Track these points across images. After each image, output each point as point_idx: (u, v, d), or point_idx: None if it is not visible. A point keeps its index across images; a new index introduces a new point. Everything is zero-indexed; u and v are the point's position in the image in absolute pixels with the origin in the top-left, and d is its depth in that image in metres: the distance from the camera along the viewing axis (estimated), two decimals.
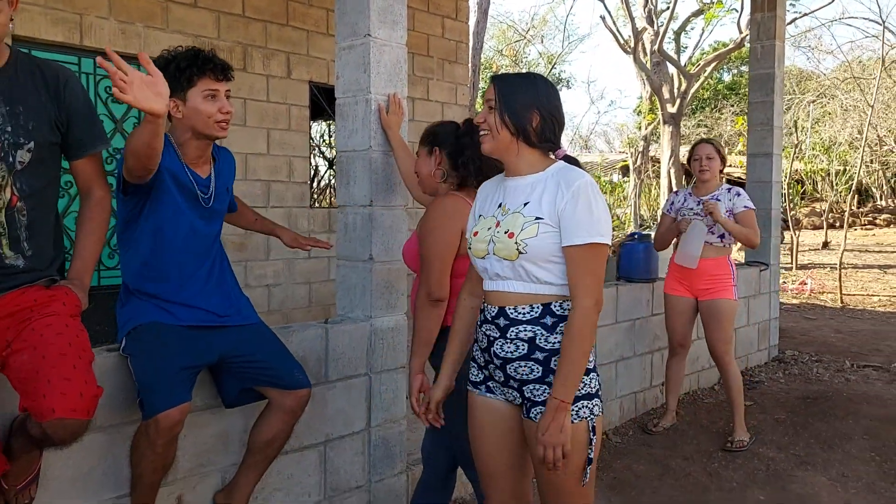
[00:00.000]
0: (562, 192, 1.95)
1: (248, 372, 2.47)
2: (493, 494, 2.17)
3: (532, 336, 1.97)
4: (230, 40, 6.18)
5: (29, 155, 1.94)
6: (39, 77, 1.99)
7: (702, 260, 4.28)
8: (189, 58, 2.37)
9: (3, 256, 1.93)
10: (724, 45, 23.69)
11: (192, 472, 2.54)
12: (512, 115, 2.00)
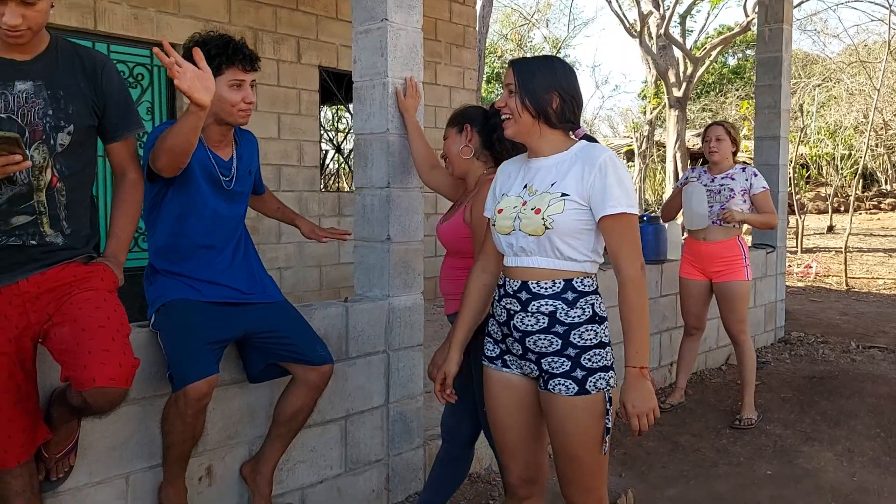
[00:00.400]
0: (588, 169, 2.02)
1: (272, 348, 2.55)
2: (511, 466, 2.24)
3: (553, 310, 2.04)
4: (241, 25, 6.24)
5: (69, 138, 2.00)
6: (78, 62, 2.05)
7: (712, 243, 4.35)
8: (220, 46, 2.43)
9: (44, 234, 2.00)
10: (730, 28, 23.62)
11: (220, 443, 2.63)
12: (532, 98, 2.07)
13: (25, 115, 1.92)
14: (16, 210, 1.95)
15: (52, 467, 2.15)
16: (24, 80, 1.94)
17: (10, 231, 1.95)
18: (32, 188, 1.96)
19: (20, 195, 1.95)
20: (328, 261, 7.07)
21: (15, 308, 1.95)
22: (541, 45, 27.08)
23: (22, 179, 1.94)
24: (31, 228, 1.97)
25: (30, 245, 1.97)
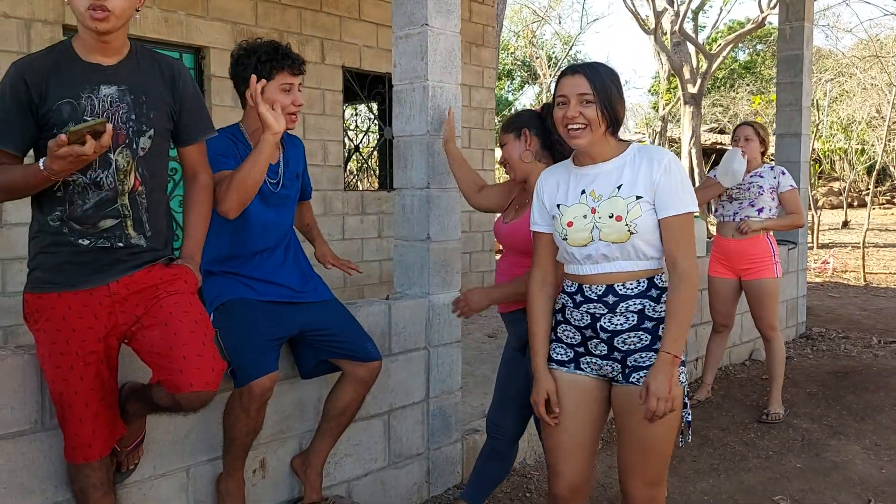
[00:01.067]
0: (655, 168, 2.08)
1: (324, 344, 2.63)
2: (561, 470, 2.25)
3: (641, 308, 2.11)
4: (267, 27, 6.32)
5: (149, 142, 2.07)
6: (157, 67, 2.12)
7: (740, 240, 4.41)
8: (269, 52, 2.52)
9: (129, 237, 2.07)
10: (740, 23, 23.57)
11: (273, 437, 2.72)
12: (611, 108, 2.10)
13: (110, 118, 1.99)
14: (102, 214, 2.02)
15: (123, 459, 2.24)
16: (109, 84, 2.00)
17: (99, 234, 2.03)
18: (117, 192, 2.03)
19: (106, 199, 2.02)
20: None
21: (104, 309, 2.04)
22: (552, 41, 27.11)
23: (108, 184, 2.01)
24: (118, 231, 2.05)
25: (116, 247, 2.05)
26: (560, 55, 25.96)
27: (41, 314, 2.01)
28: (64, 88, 1.95)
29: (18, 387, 2.11)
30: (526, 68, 26.69)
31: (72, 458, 2.05)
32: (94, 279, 2.03)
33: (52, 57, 1.98)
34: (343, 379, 2.70)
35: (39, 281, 2.03)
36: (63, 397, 1.99)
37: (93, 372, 2.01)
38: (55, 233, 2.01)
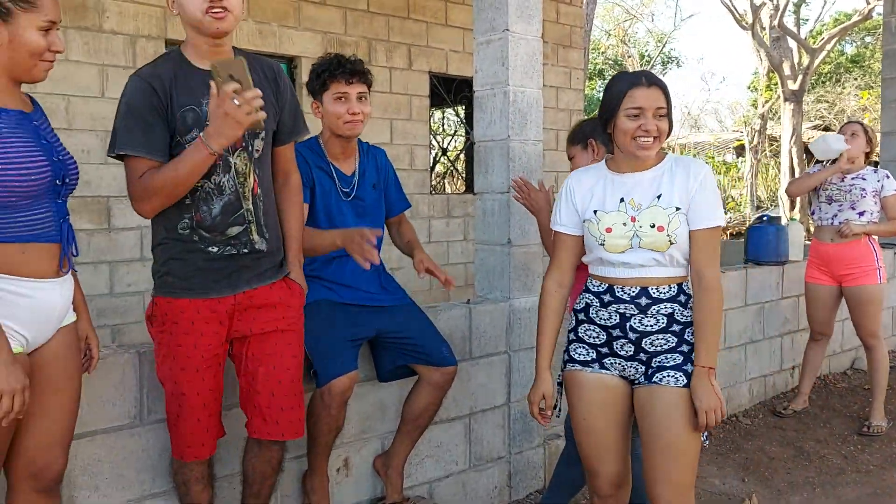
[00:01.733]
0: (691, 180, 2.11)
1: (400, 348, 2.69)
2: (602, 471, 2.24)
3: (671, 311, 2.14)
4: (356, 35, 6.48)
5: (262, 143, 2.15)
6: (261, 71, 2.17)
7: (839, 245, 4.21)
8: (324, 63, 2.61)
9: (253, 242, 2.14)
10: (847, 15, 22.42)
11: (356, 437, 2.79)
12: (671, 120, 2.15)
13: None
14: (230, 221, 2.09)
15: None
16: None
17: (227, 241, 2.10)
18: (240, 196, 2.10)
19: (230, 204, 2.09)
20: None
21: (228, 316, 2.13)
22: (645, 39, 26.55)
23: (230, 188, 2.08)
24: (244, 237, 2.12)
25: (242, 254, 2.13)
26: (653, 53, 25.39)
27: (170, 317, 2.09)
28: (186, 96, 2.01)
29: (119, 384, 2.25)
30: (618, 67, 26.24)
31: (183, 455, 2.15)
32: (224, 288, 2.11)
33: (168, 65, 2.04)
34: (419, 383, 2.74)
35: (172, 286, 2.10)
36: (185, 398, 2.09)
37: (212, 374, 2.12)
38: (186, 240, 2.07)
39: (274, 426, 2.20)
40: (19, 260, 1.73)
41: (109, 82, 5.23)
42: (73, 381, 1.91)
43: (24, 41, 1.71)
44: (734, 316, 4.46)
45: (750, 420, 4.42)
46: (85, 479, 2.20)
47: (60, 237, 1.82)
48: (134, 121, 1.98)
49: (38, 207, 1.76)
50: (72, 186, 1.87)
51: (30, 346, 1.80)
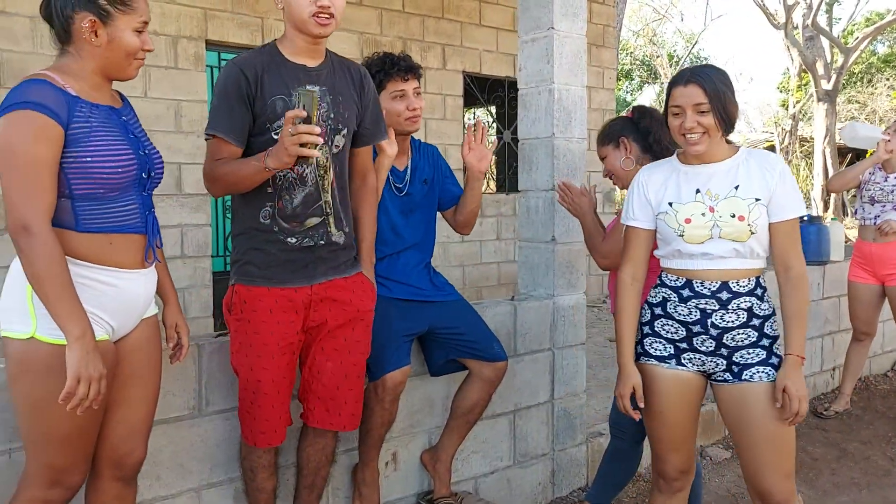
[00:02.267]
0: (770, 173, 2.14)
1: (452, 343, 2.71)
2: (673, 459, 2.29)
3: (750, 306, 2.14)
4: (391, 35, 6.52)
5: (343, 140, 2.21)
6: (348, 72, 2.26)
7: (883, 244, 4.18)
8: (379, 63, 2.63)
9: (330, 234, 2.20)
10: (880, 15, 22.09)
11: (404, 431, 2.82)
12: (725, 113, 2.13)
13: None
14: (309, 212, 2.16)
15: None
16: (313, 84, 2.13)
17: (304, 232, 2.16)
18: (319, 188, 2.16)
19: (310, 196, 2.15)
20: (470, 260, 7.26)
21: (304, 306, 2.19)
22: (673, 39, 26.37)
23: (311, 179, 2.15)
24: (322, 229, 2.18)
25: (319, 245, 2.19)
26: (682, 53, 25.22)
27: (249, 305, 2.15)
28: (277, 85, 2.09)
29: (180, 375, 2.29)
30: (646, 68, 26.09)
31: (256, 442, 2.20)
32: (300, 279, 2.17)
33: (263, 56, 2.13)
34: (470, 378, 2.76)
35: (252, 275, 2.16)
36: (260, 385, 2.15)
37: (286, 361, 2.18)
38: (266, 230, 2.15)
39: (336, 417, 2.28)
40: (107, 250, 1.78)
41: (152, 82, 5.32)
42: (154, 371, 1.97)
43: (122, 42, 1.78)
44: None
45: None
46: (147, 468, 2.23)
47: (146, 228, 1.88)
48: (222, 104, 2.09)
49: (126, 199, 1.82)
50: (157, 180, 1.92)
51: (115, 335, 1.85)
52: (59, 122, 1.68)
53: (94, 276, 1.77)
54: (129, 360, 1.90)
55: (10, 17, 4.77)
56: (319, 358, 2.26)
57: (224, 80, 2.10)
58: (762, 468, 2.16)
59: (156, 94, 5.35)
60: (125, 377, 1.89)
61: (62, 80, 1.74)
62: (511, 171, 7.85)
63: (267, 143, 2.06)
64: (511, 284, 7.52)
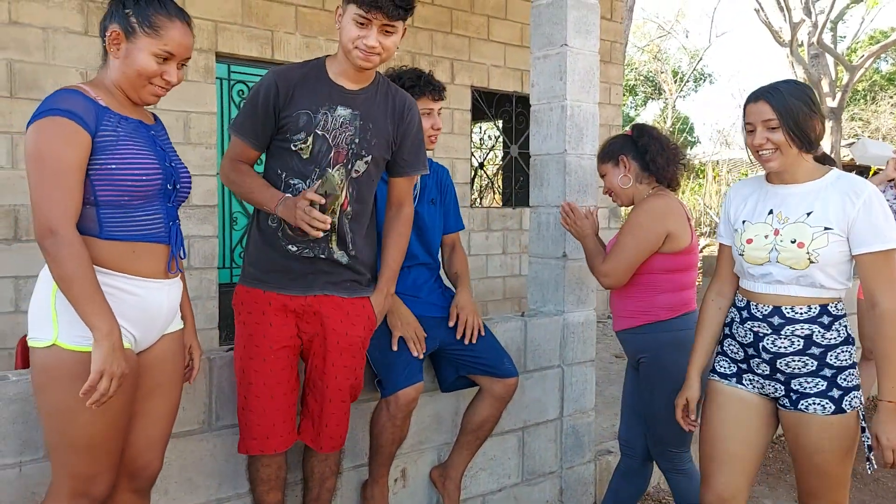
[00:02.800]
0: (851, 201, 2.03)
1: (463, 360, 2.69)
2: (716, 480, 2.25)
3: (809, 333, 2.08)
4: (401, 49, 6.52)
5: (365, 166, 2.22)
6: (390, 101, 2.27)
7: None
8: (413, 78, 2.65)
9: (331, 251, 2.23)
10: (883, 33, 22.15)
11: (413, 448, 2.80)
12: (798, 130, 2.07)
13: (336, 137, 2.16)
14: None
15: None
16: (345, 106, 2.17)
17: (305, 243, 2.19)
18: (323, 208, 2.14)
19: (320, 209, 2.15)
20: (474, 275, 7.24)
21: (297, 314, 2.22)
22: (677, 55, 26.45)
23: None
24: (322, 244, 2.20)
25: (319, 258, 2.21)
26: (686, 70, 25.29)
27: (245, 307, 2.21)
28: (307, 100, 2.14)
29: (191, 389, 2.28)
30: (650, 83, 26.16)
31: (247, 449, 2.20)
32: (297, 287, 2.20)
33: (304, 70, 2.19)
34: (480, 394, 2.74)
35: (251, 277, 2.23)
36: (251, 387, 2.17)
37: (281, 366, 2.18)
38: (270, 234, 2.20)
39: (317, 437, 2.29)
40: (130, 258, 1.80)
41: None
42: (175, 387, 1.98)
43: (137, 60, 1.81)
44: None
45: None
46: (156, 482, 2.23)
47: (170, 239, 1.89)
48: (249, 108, 2.18)
49: (150, 208, 1.84)
50: (183, 193, 1.94)
51: (137, 346, 1.85)
52: (87, 129, 1.71)
53: (115, 283, 1.78)
54: (153, 372, 1.90)
55: (24, 27, 4.79)
56: (314, 375, 2.28)
57: (258, 85, 2.17)
58: (808, 497, 2.16)
59: (165, 105, 5.34)
60: (148, 390, 1.90)
61: (94, 92, 1.80)
62: (517, 185, 7.86)
63: (282, 151, 2.17)
64: (516, 299, 7.51)
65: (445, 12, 6.89)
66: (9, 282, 4.78)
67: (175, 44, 1.83)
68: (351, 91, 2.19)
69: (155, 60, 1.82)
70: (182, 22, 1.85)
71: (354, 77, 2.18)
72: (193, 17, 5.84)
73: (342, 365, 2.27)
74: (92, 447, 1.75)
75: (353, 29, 2.07)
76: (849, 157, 18.47)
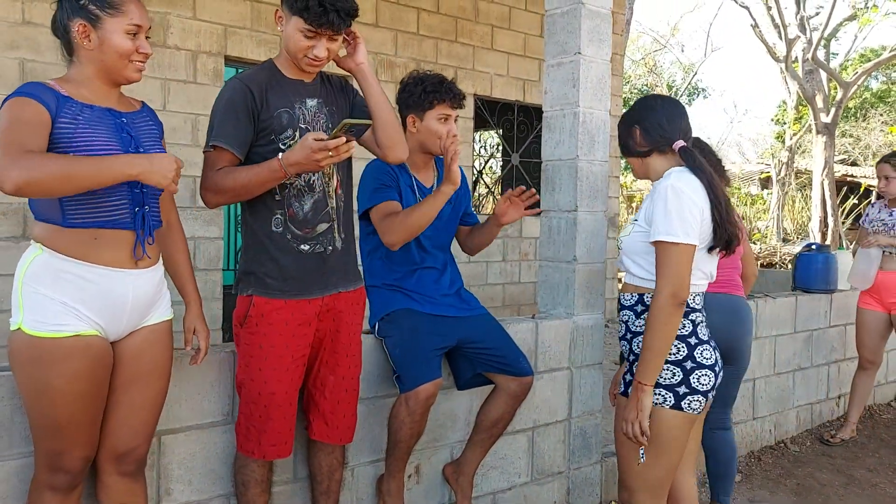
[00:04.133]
0: (651, 196, 2.25)
1: (480, 357, 2.74)
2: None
3: (626, 319, 2.31)
4: (405, 56, 6.61)
5: None
6: (337, 84, 2.37)
7: (891, 273, 4.28)
8: (435, 83, 2.71)
9: (335, 240, 2.28)
10: (875, 51, 22.41)
11: (427, 445, 2.84)
12: (622, 145, 2.43)
13: (315, 126, 2.23)
14: (319, 218, 2.23)
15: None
16: (311, 97, 2.25)
17: (316, 238, 2.23)
18: (326, 194, 2.23)
19: (319, 201, 2.23)
20: (477, 281, 7.28)
21: (315, 318, 2.24)
22: (671, 69, 26.67)
23: (319, 186, 2.22)
24: (330, 235, 2.25)
25: (328, 252, 2.26)
26: (681, 84, 25.50)
27: (265, 318, 2.18)
28: (281, 99, 2.19)
29: (215, 381, 2.33)
30: None
31: (265, 454, 2.21)
32: (315, 289, 2.23)
33: (264, 73, 2.23)
34: (496, 392, 2.79)
35: (270, 287, 2.20)
36: (274, 397, 2.17)
37: (300, 374, 2.23)
38: (279, 238, 2.20)
39: (335, 430, 2.35)
40: (92, 246, 1.82)
41: (171, 95, 5.38)
42: (158, 378, 1.98)
43: (112, 44, 1.85)
44: (784, 342, 4.48)
45: (798, 447, 4.42)
46: (180, 472, 2.27)
47: (135, 225, 1.88)
48: (228, 116, 2.14)
49: (113, 195, 1.84)
50: None
51: (108, 335, 1.88)
52: (48, 109, 1.76)
53: (77, 271, 1.81)
54: (131, 364, 1.92)
55: (36, 27, 4.83)
56: (323, 371, 2.31)
57: (230, 94, 2.16)
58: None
59: (174, 107, 5.40)
60: (126, 380, 1.92)
61: (59, 84, 1.84)
62: None
63: (270, 153, 2.13)
64: (516, 306, 7.56)
65: (450, 21, 6.97)
66: None
67: (139, 15, 1.86)
68: (310, 83, 2.26)
69: (127, 38, 1.85)
70: None
71: (307, 74, 2.25)
72: (203, 21, 5.89)
73: (352, 353, 2.35)
74: (57, 426, 1.80)
75: (301, 39, 2.12)
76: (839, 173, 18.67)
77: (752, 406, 4.29)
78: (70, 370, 1.78)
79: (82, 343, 1.79)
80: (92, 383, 1.82)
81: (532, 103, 7.63)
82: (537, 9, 7.48)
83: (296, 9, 2.09)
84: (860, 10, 15.40)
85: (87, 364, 1.79)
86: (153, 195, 1.95)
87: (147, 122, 2.00)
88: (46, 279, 1.79)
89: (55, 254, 1.79)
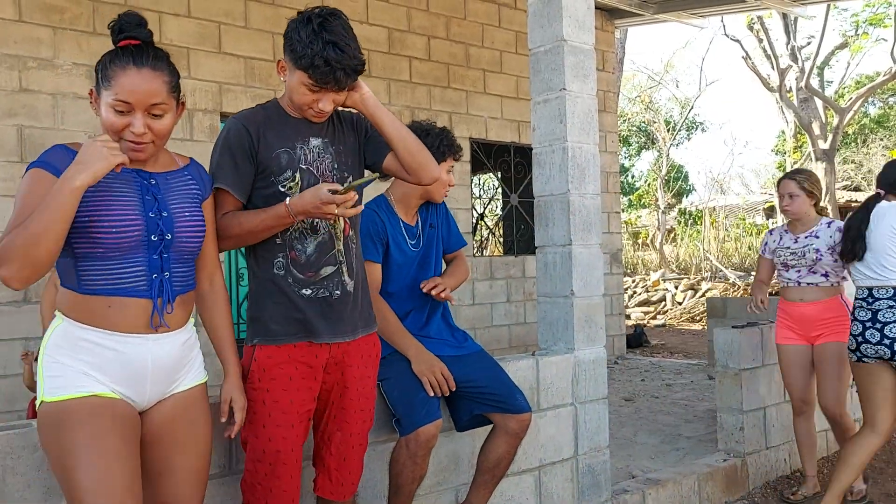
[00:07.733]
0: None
1: (475, 397, 2.70)
2: None
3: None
4: (399, 104, 6.70)
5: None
6: (347, 121, 2.31)
7: (811, 304, 3.89)
8: (444, 139, 2.79)
9: (344, 283, 2.21)
10: (869, 77, 22.63)
11: (431, 488, 2.79)
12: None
13: (319, 167, 2.18)
14: (324, 261, 2.17)
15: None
16: (316, 137, 2.19)
17: (319, 282, 2.16)
18: (332, 237, 2.18)
19: (324, 244, 2.17)
20: (481, 323, 7.26)
21: (321, 370, 2.18)
22: (668, 105, 26.93)
23: (324, 228, 2.17)
24: (336, 278, 2.19)
25: (335, 295, 2.18)
26: (678, 119, 25.72)
27: (268, 373, 2.10)
28: (281, 139, 2.14)
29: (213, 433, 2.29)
30: (643, 133, 26.57)
31: None
32: (324, 334, 2.15)
33: (265, 112, 2.18)
34: (495, 432, 2.75)
35: (272, 333, 2.13)
36: (280, 455, 2.09)
37: (304, 430, 2.15)
38: (280, 282, 2.14)
39: (339, 487, 2.28)
40: (105, 313, 1.75)
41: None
42: (198, 444, 1.90)
43: (102, 116, 1.78)
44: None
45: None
46: None
47: (151, 293, 1.80)
48: (226, 159, 2.11)
49: (129, 261, 1.78)
50: (181, 243, 1.86)
51: (136, 404, 1.81)
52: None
53: (93, 338, 1.75)
54: (166, 432, 1.85)
55: (34, 94, 4.92)
56: (331, 426, 2.24)
57: (227, 135, 2.12)
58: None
59: None
60: (165, 447, 1.85)
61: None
62: (519, 233, 7.94)
63: (271, 196, 2.10)
64: (522, 346, 7.51)
65: (442, 67, 7.08)
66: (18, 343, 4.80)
67: (125, 91, 1.73)
68: (316, 123, 2.19)
69: (114, 113, 1.75)
70: (136, 67, 1.74)
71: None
72: (199, 80, 5.98)
73: (360, 408, 2.26)
74: (90, 492, 1.65)
75: (305, 93, 2.07)
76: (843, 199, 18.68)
77: (765, 436, 4.20)
78: (96, 426, 1.68)
79: (106, 401, 1.72)
80: (120, 439, 1.69)
81: (527, 144, 7.68)
82: (527, 51, 7.60)
83: (300, 64, 2.04)
84: (850, 38, 15.60)
85: (111, 422, 1.70)
86: (180, 260, 1.86)
87: (185, 181, 1.94)
88: (65, 348, 1.74)
89: (73, 322, 1.74)
